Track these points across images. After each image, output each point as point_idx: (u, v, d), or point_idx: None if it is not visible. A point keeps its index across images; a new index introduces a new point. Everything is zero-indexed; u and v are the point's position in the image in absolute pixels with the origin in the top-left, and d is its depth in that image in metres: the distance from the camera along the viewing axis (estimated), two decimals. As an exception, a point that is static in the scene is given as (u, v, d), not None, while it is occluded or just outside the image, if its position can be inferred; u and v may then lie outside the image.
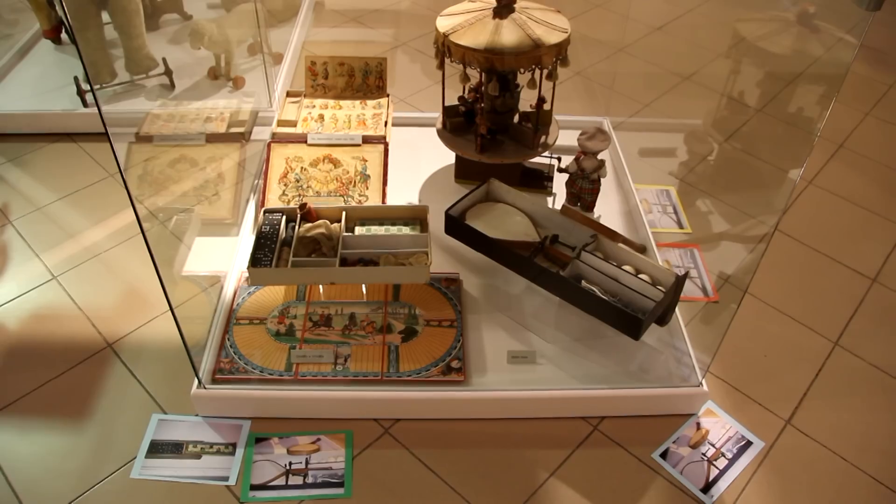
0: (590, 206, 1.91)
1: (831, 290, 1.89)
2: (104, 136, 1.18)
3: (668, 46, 2.93)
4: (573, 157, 1.88)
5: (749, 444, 1.51)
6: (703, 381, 1.53)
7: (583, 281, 1.57)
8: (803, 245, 2.01)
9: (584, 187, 1.87)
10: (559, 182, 1.95)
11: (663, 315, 1.56)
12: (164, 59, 2.42)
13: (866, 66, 2.84)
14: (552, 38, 1.65)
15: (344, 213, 1.67)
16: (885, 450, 1.51)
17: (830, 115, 2.30)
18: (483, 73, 1.72)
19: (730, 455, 1.49)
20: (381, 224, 1.69)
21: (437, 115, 1.93)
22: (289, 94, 2.08)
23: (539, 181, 1.97)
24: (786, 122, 2.38)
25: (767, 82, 2.34)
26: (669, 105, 2.57)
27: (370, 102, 2.04)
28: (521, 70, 1.68)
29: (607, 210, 1.96)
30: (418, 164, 2.07)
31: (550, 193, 1.98)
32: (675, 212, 2.07)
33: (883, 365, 1.69)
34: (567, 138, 1.95)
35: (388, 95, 2.06)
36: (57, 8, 2.57)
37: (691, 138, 2.38)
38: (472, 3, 1.77)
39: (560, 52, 1.68)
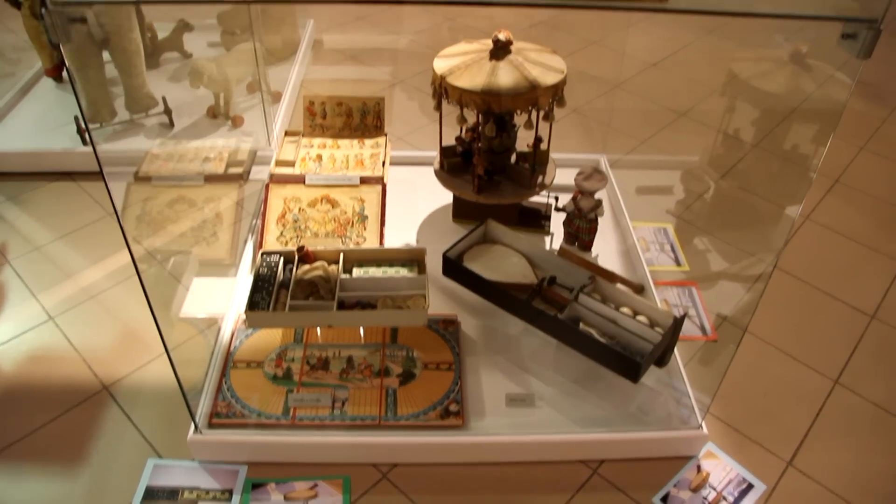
0: (587, 246, 1.92)
1: (830, 328, 1.88)
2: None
3: (664, 83, 2.95)
4: (570, 195, 1.89)
5: (750, 486, 1.50)
6: (703, 423, 1.52)
7: (581, 323, 1.57)
8: (801, 281, 2.01)
9: (582, 226, 1.88)
10: (557, 221, 1.96)
11: (662, 356, 1.56)
12: (163, 98, 2.44)
13: (860, 101, 2.87)
14: (548, 79, 1.66)
15: (341, 255, 1.67)
16: (889, 492, 1.50)
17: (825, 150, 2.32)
18: (480, 114, 1.74)
19: (731, 498, 1.47)
20: (379, 266, 1.69)
21: (435, 154, 1.94)
22: (287, 134, 2.09)
23: (537, 220, 1.97)
24: (782, 159, 2.40)
25: (763, 120, 2.36)
26: (666, 142, 2.59)
27: (368, 142, 2.05)
28: (518, 111, 1.70)
29: (605, 249, 1.96)
30: (416, 203, 2.07)
31: (548, 233, 1.98)
32: (673, 249, 2.07)
33: (884, 403, 1.68)
34: (564, 176, 1.96)
35: (385, 135, 2.08)
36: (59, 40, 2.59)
37: (688, 175, 2.39)
38: (469, 44, 1.79)
39: (556, 93, 1.69)
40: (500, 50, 1.71)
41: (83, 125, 2.35)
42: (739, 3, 1.04)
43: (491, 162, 1.84)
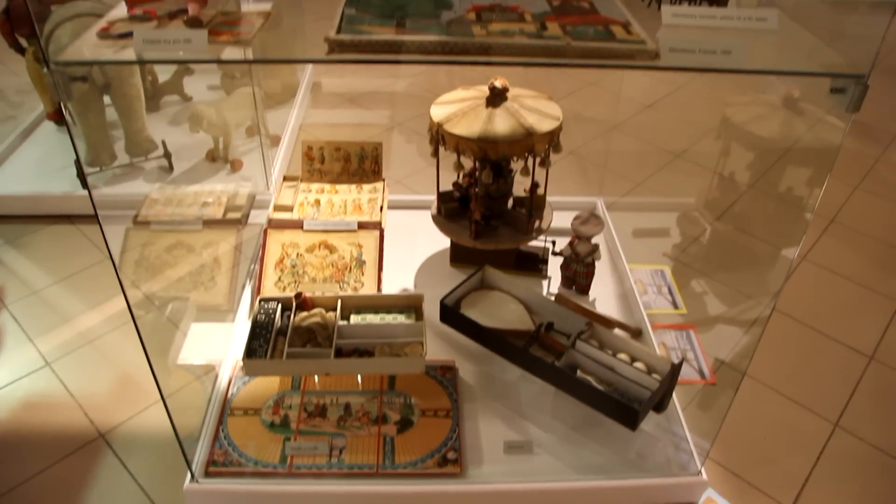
0: (585, 290, 1.92)
1: (829, 369, 1.88)
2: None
3: (660, 124, 2.98)
4: (568, 239, 1.90)
5: (751, 535, 1.48)
6: (703, 469, 1.51)
7: (578, 370, 1.57)
8: (798, 322, 2.01)
9: (579, 271, 1.89)
10: (554, 265, 1.97)
11: (660, 402, 1.55)
12: (163, 142, 2.46)
13: (854, 140, 2.90)
14: (544, 125, 1.68)
15: (339, 301, 1.67)
16: (891, 540, 1.49)
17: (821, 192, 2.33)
18: (477, 161, 1.75)
19: (732, 548, 1.46)
20: (377, 312, 1.69)
21: (433, 197, 1.95)
22: (285, 179, 2.10)
23: (534, 264, 1.98)
24: (778, 200, 2.42)
25: (758, 162, 2.38)
26: (662, 184, 2.61)
27: (366, 186, 2.06)
28: (515, 157, 1.71)
29: (602, 292, 1.96)
30: (414, 247, 2.08)
31: (545, 277, 1.99)
32: (671, 292, 2.07)
33: (885, 446, 1.67)
34: (561, 219, 1.96)
35: (383, 179, 2.09)
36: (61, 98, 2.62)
37: (684, 218, 2.41)
38: (466, 90, 1.81)
39: (552, 139, 1.71)
40: (497, 97, 1.73)
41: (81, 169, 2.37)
42: (730, 60, 1.06)
43: (488, 207, 1.85)
